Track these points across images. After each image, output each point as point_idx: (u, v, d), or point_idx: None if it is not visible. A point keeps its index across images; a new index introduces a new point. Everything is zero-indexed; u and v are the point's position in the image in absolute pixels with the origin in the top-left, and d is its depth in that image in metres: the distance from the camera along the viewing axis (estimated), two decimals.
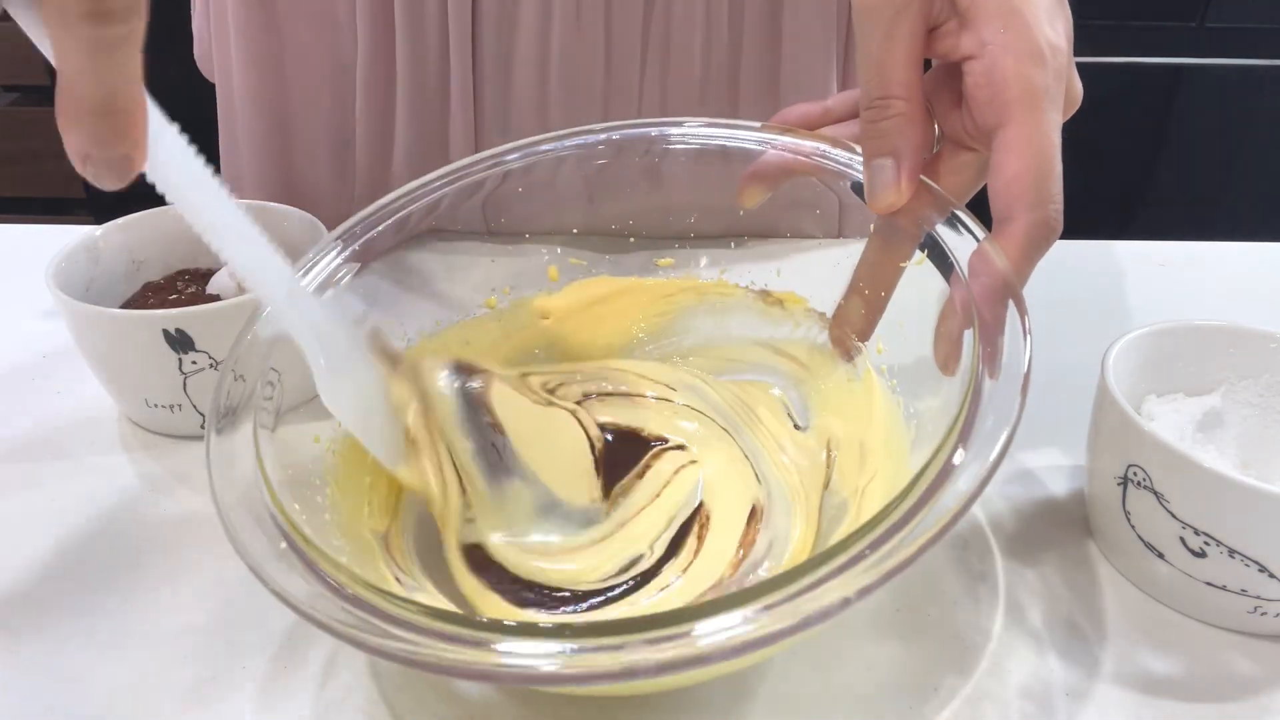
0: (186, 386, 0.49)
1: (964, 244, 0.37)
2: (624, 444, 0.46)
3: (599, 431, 0.46)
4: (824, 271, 0.47)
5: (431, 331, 0.48)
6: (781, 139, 0.45)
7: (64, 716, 0.37)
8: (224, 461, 0.35)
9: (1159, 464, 0.39)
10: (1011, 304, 0.34)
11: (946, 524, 0.28)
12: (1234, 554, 0.38)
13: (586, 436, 0.45)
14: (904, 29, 0.38)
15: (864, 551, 0.28)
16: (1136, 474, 0.40)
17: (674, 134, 0.48)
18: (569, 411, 0.46)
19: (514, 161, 0.48)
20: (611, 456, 0.45)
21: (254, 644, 0.40)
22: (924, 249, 0.39)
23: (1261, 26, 1.55)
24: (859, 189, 0.41)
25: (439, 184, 0.47)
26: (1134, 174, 1.68)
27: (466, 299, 0.50)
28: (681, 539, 0.42)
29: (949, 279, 0.37)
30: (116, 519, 0.46)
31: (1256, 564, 0.38)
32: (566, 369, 0.50)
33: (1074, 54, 0.39)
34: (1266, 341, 0.45)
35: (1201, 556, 0.39)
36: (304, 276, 0.43)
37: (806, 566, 0.28)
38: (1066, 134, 0.38)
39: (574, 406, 0.47)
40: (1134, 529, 0.41)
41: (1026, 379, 0.31)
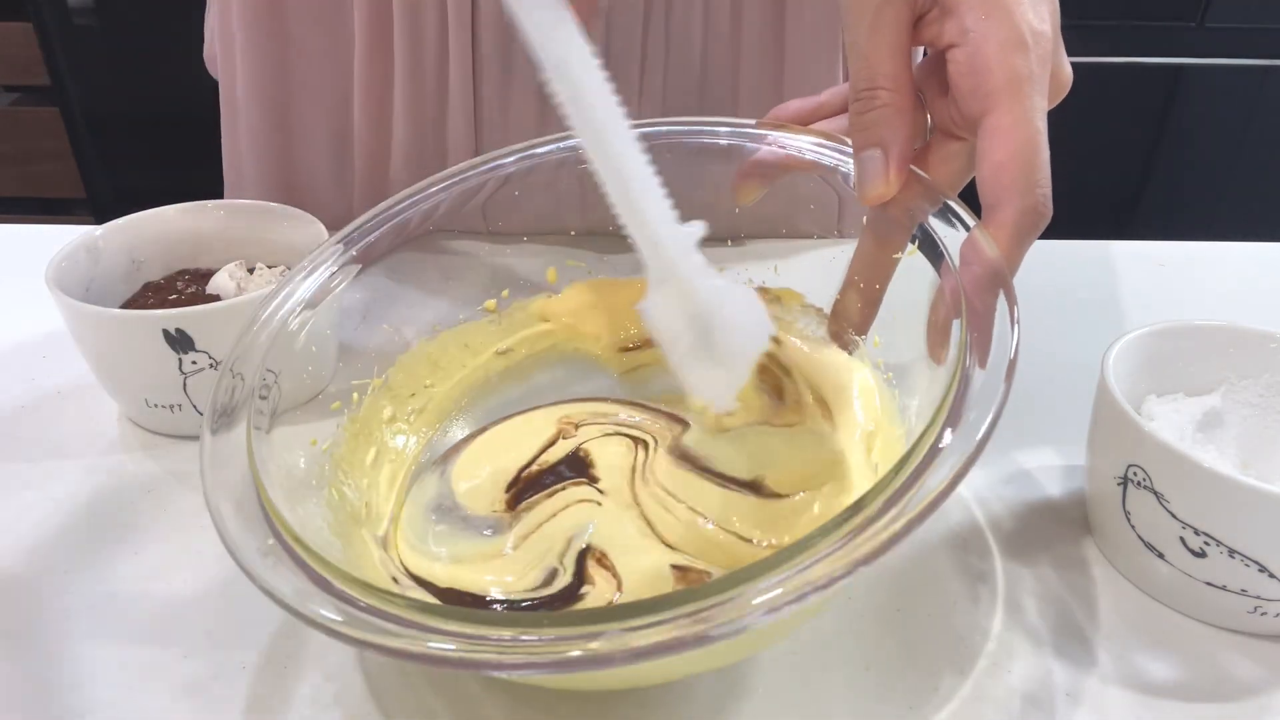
0: (186, 386, 0.49)
1: (955, 234, 0.37)
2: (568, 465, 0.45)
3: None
4: (821, 267, 0.46)
5: (430, 334, 0.48)
6: (776, 135, 0.45)
7: (63, 714, 0.37)
8: (218, 461, 0.35)
9: (1159, 464, 0.39)
10: (1001, 293, 0.34)
11: (934, 499, 0.28)
12: (1234, 554, 0.38)
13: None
14: (889, 19, 0.38)
15: (860, 526, 0.28)
16: (1136, 474, 0.40)
17: (671, 133, 0.48)
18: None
19: (513, 164, 0.48)
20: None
21: (250, 641, 0.40)
22: (915, 240, 0.39)
23: (1261, 26, 1.55)
24: None
25: (439, 187, 0.47)
26: (1134, 174, 1.68)
27: (466, 301, 0.50)
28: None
29: (940, 269, 0.37)
30: (116, 519, 0.46)
31: (1256, 564, 0.38)
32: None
33: (1074, 54, 0.39)
34: (1266, 341, 0.45)
35: (1201, 556, 0.39)
36: (305, 278, 0.43)
37: (801, 545, 0.28)
38: (1067, 133, 0.38)
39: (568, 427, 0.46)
40: (1134, 529, 0.41)
41: (1013, 365, 0.31)
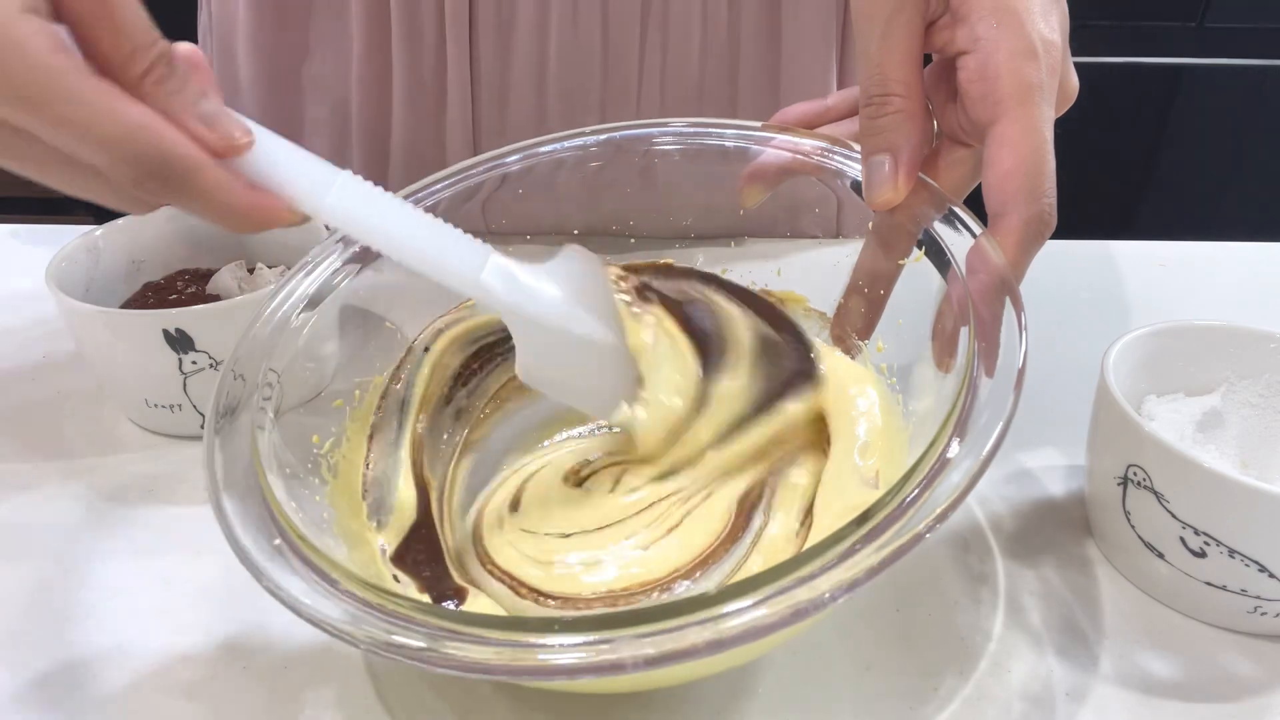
0: (186, 386, 0.49)
1: (961, 241, 0.37)
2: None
3: None
4: (824, 271, 0.47)
5: (430, 336, 0.48)
6: (781, 138, 0.45)
7: (64, 714, 0.37)
8: (221, 461, 0.35)
9: (1159, 464, 0.39)
10: (1008, 300, 0.34)
11: (943, 511, 0.28)
12: (1234, 554, 0.38)
13: None
14: (901, 26, 0.38)
15: (866, 537, 0.28)
16: (1136, 474, 0.40)
17: (672, 134, 0.48)
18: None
19: (513, 164, 0.48)
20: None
21: (251, 641, 0.40)
22: (921, 246, 0.39)
23: (1261, 26, 1.55)
24: (859, 188, 0.41)
25: (438, 187, 0.47)
26: (1134, 174, 1.68)
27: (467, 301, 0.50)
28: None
29: (946, 276, 0.37)
30: (116, 519, 0.46)
31: (1256, 564, 0.38)
32: None
33: (1074, 54, 0.39)
34: (1266, 341, 0.45)
35: (1201, 556, 0.39)
36: (305, 278, 0.43)
37: (805, 556, 0.28)
38: (1067, 133, 0.38)
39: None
40: (1134, 529, 0.41)
41: (1021, 374, 0.31)
